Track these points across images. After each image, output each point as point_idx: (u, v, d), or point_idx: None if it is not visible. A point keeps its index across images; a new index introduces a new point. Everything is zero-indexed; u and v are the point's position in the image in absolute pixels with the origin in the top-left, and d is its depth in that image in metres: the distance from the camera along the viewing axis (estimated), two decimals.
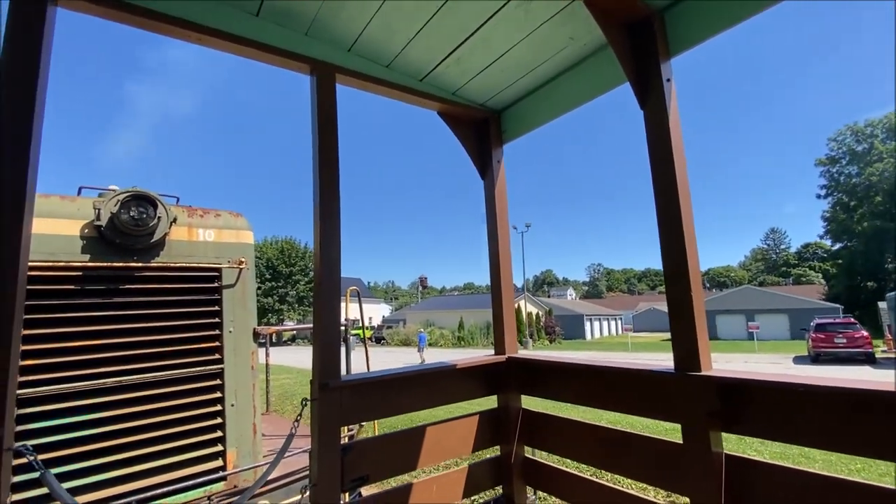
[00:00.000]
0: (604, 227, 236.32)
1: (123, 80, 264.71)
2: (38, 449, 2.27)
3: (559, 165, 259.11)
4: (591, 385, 2.35)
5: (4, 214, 1.44)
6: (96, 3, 1.74)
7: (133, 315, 2.87)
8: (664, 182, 1.94)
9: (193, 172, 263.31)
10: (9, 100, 1.49)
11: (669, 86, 1.98)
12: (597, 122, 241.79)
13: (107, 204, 2.79)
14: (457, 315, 48.06)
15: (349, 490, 2.10)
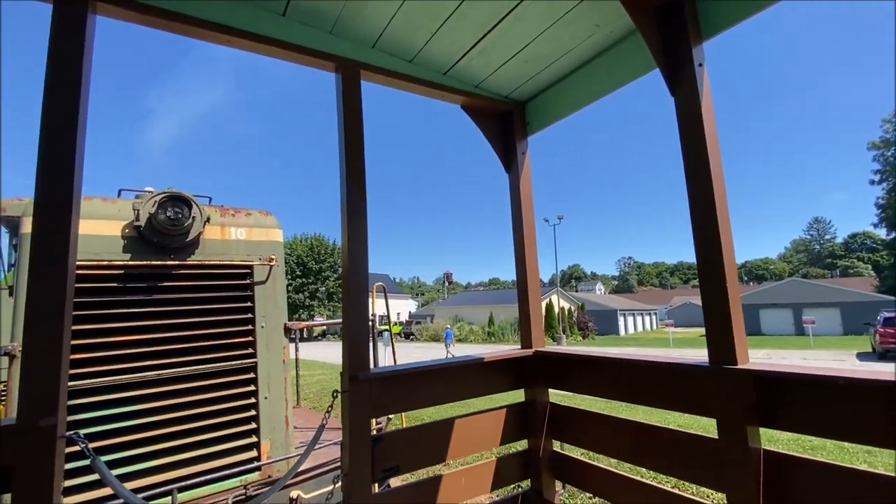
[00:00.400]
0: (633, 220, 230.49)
1: (150, 88, 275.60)
2: (86, 438, 2.41)
3: (585, 157, 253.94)
4: (621, 379, 2.31)
5: (54, 216, 1.53)
6: (132, 10, 1.81)
7: (171, 311, 2.99)
8: (697, 171, 1.87)
9: (223, 171, 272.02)
10: (53, 107, 1.58)
11: (701, 71, 1.91)
12: (626, 110, 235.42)
13: (145, 205, 2.92)
14: (486, 310, 47.35)
15: (379, 480, 2.15)
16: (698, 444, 1.91)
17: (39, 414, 1.43)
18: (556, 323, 40.49)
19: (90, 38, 1.69)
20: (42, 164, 1.53)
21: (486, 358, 2.59)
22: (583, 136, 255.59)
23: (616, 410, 7.19)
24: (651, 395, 2.15)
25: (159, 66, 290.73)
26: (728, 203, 1.87)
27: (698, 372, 1.89)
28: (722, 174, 1.87)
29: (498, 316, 44.73)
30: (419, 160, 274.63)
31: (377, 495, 2.13)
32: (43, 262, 1.50)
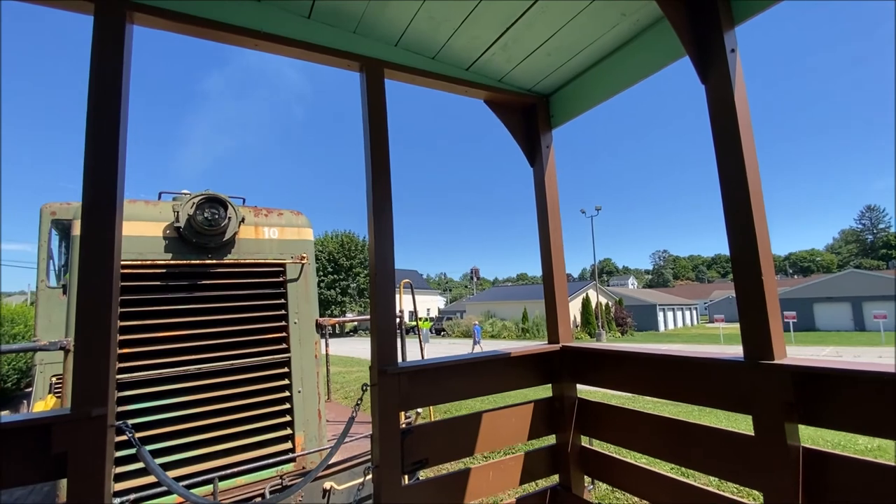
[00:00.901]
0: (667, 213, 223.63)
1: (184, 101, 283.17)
2: (133, 428, 2.54)
3: (613, 147, 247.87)
4: (651, 374, 2.27)
5: (99, 220, 1.62)
6: (167, 19, 1.88)
7: (210, 308, 3.11)
8: (730, 161, 1.82)
9: (254, 171, 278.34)
10: (97, 114, 1.66)
11: (734, 57, 1.84)
12: (656, 98, 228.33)
13: (184, 206, 3.04)
14: (519, 306, 46.31)
15: (409, 472, 2.18)
16: (733, 441, 1.86)
17: (91, 405, 1.52)
18: (593, 318, 39.59)
19: (129, 48, 1.77)
20: (87, 169, 1.62)
21: (513, 353, 2.59)
22: (611, 126, 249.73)
23: (638, 407, 7.06)
24: (683, 390, 2.10)
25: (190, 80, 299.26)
26: (764, 193, 1.81)
27: (733, 367, 1.85)
28: (756, 164, 1.81)
29: (532, 311, 43.57)
30: (443, 157, 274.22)
31: (407, 487, 2.17)
32: (90, 263, 1.59)
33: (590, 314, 40.17)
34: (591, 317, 39.97)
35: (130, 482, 2.63)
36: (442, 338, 45.07)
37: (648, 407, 7.84)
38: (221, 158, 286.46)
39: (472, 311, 53.25)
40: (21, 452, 1.47)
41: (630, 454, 4.35)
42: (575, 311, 42.58)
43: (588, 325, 39.84)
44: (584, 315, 40.81)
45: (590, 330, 39.44)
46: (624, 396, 8.99)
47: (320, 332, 3.62)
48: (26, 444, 1.48)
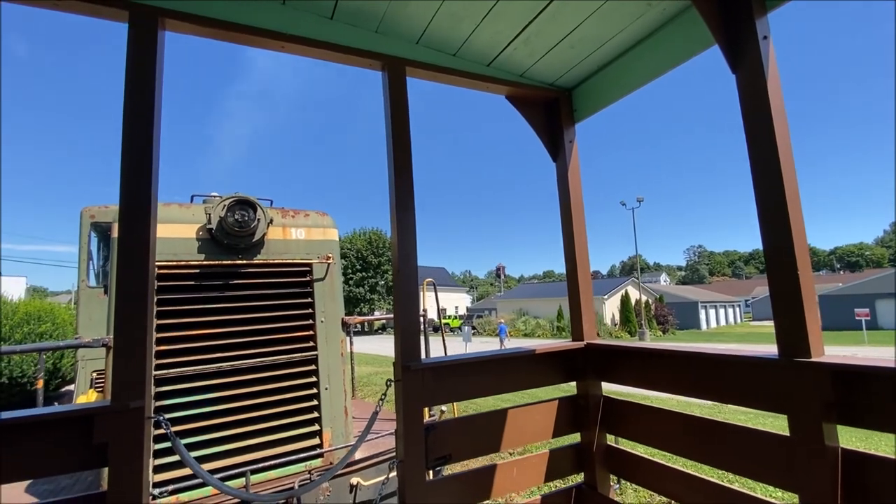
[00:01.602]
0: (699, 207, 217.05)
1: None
2: (170, 422, 2.63)
3: (640, 141, 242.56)
4: (678, 372, 2.22)
5: (136, 222, 1.68)
6: (197, 24, 1.94)
7: (241, 307, 3.20)
8: (763, 152, 1.76)
9: (279, 170, 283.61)
10: (132, 121, 1.73)
11: (767, 44, 1.78)
12: (682, 89, 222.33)
13: (215, 209, 3.14)
14: (553, 303, 43.89)
15: (432, 468, 2.20)
16: (767, 441, 1.81)
17: (129, 397, 1.59)
18: (633, 316, 37.46)
19: (161, 54, 1.83)
20: (124, 174, 1.69)
21: (537, 350, 2.57)
22: (639, 118, 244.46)
23: (661, 406, 6.91)
24: (713, 388, 2.05)
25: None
26: (801, 185, 1.74)
27: (767, 365, 1.79)
28: (791, 154, 1.74)
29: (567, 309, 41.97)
30: (464, 154, 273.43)
31: (431, 482, 2.18)
32: (126, 264, 1.66)
33: (629, 312, 37.90)
34: (630, 314, 37.68)
35: (169, 474, 2.73)
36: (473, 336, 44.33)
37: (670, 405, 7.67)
38: (245, 158, 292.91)
39: (504, 310, 51.35)
40: (66, 442, 1.55)
41: (658, 454, 4.27)
42: (613, 308, 41.19)
43: (628, 324, 37.58)
44: (624, 313, 38.71)
45: (630, 328, 37.15)
46: (656, 397, 8.83)
47: (346, 330, 3.67)
48: (71, 433, 1.55)
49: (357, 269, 51.58)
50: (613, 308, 41.31)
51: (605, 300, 41.51)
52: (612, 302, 41.62)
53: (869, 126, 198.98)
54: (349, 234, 54.26)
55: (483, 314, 54.00)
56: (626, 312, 37.94)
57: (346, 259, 50.04)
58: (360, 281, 51.42)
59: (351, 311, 46.91)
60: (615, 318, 40.60)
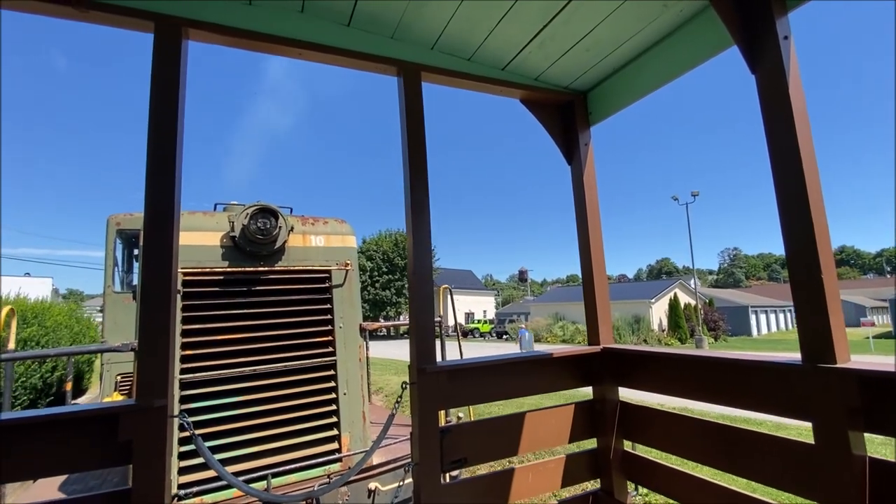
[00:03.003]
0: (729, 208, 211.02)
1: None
2: (193, 425, 2.68)
3: (664, 142, 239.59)
4: (697, 377, 2.18)
5: (160, 226, 1.73)
6: (221, 34, 1.99)
7: (262, 313, 3.26)
8: (784, 154, 1.73)
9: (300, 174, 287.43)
10: (157, 129, 1.78)
11: (787, 44, 1.75)
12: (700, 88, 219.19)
13: (238, 217, 3.21)
14: None
15: (448, 471, 2.20)
16: (791, 449, 1.76)
17: (153, 396, 1.63)
18: (682, 321, 33.82)
19: (185, 63, 1.89)
20: (149, 183, 1.74)
21: (554, 354, 2.56)
22: (654, 121, 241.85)
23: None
24: (733, 394, 2.01)
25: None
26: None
27: (790, 371, 1.75)
28: (814, 156, 1.71)
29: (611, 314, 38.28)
30: (477, 158, 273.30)
31: (446, 486, 2.18)
32: (151, 271, 1.71)
33: (679, 317, 33.91)
34: (680, 319, 33.68)
35: (193, 476, 2.78)
36: (504, 341, 40.90)
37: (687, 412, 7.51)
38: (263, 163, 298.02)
39: (539, 314, 47.54)
40: (92, 439, 1.60)
41: (677, 461, 4.20)
42: (660, 313, 37.70)
43: (678, 330, 33.53)
44: (673, 318, 34.50)
45: (680, 335, 33.12)
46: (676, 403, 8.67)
47: (363, 335, 3.70)
48: (98, 431, 1.60)
49: (383, 272, 49.12)
50: (660, 312, 37.68)
51: (652, 304, 38.23)
52: (660, 306, 38.17)
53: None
54: (375, 236, 52.26)
55: (515, 318, 50.87)
56: (676, 317, 34.01)
57: (372, 261, 48.91)
58: (387, 284, 49.09)
59: (377, 315, 45.94)
60: (662, 323, 37.08)
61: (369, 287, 47.19)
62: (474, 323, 50.50)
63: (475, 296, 64.22)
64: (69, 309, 12.17)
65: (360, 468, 2.78)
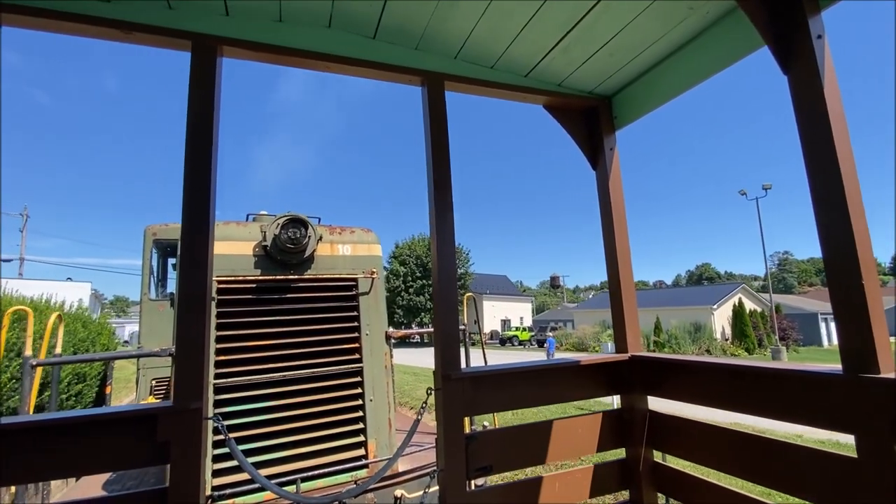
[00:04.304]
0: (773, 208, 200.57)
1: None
2: (227, 429, 2.75)
3: (697, 141, 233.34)
4: (731, 387, 2.11)
5: (196, 237, 1.81)
6: (253, 50, 2.08)
7: (293, 319, 3.34)
8: (820, 156, 1.67)
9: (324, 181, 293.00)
10: (193, 142, 1.87)
11: (821, 43, 1.70)
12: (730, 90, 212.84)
13: (270, 227, 3.32)
14: (647, 314, 34.15)
15: (473, 478, 2.19)
16: (832, 463, 1.69)
17: (189, 399, 1.69)
18: (749, 329, 30.64)
19: (219, 79, 1.98)
20: (186, 194, 1.82)
21: (581, 361, 2.53)
22: (682, 121, 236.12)
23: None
24: (772, 406, 1.94)
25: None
26: (861, 189, 1.65)
27: (830, 381, 1.68)
28: (851, 157, 1.65)
29: (667, 321, 32.62)
30: (503, 163, 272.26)
31: (472, 493, 2.17)
32: (187, 280, 1.79)
33: (745, 324, 30.65)
34: (746, 327, 30.43)
35: (226, 478, 2.86)
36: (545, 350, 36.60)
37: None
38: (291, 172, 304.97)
39: (584, 321, 43.44)
40: (134, 439, 1.67)
41: (710, 473, 4.06)
42: (722, 320, 34.61)
43: (745, 339, 30.27)
44: (738, 325, 31.13)
45: (747, 344, 29.91)
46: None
47: (389, 343, 3.75)
48: (138, 430, 1.67)
49: (417, 277, 47.44)
50: (723, 320, 34.52)
51: (714, 310, 34.93)
52: (722, 312, 34.94)
53: None
54: (408, 240, 50.73)
55: (558, 325, 48.44)
56: (741, 325, 30.74)
57: (406, 266, 47.91)
58: (421, 289, 47.04)
59: (410, 321, 45.17)
60: (725, 331, 33.81)
61: (403, 293, 46.31)
62: (512, 330, 47.97)
63: (511, 302, 61.52)
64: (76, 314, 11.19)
65: (385, 473, 2.80)
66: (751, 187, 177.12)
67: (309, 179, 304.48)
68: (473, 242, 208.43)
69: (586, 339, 34.97)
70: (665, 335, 31.16)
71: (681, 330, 31.57)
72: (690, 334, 31.51)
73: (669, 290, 51.50)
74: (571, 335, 38.06)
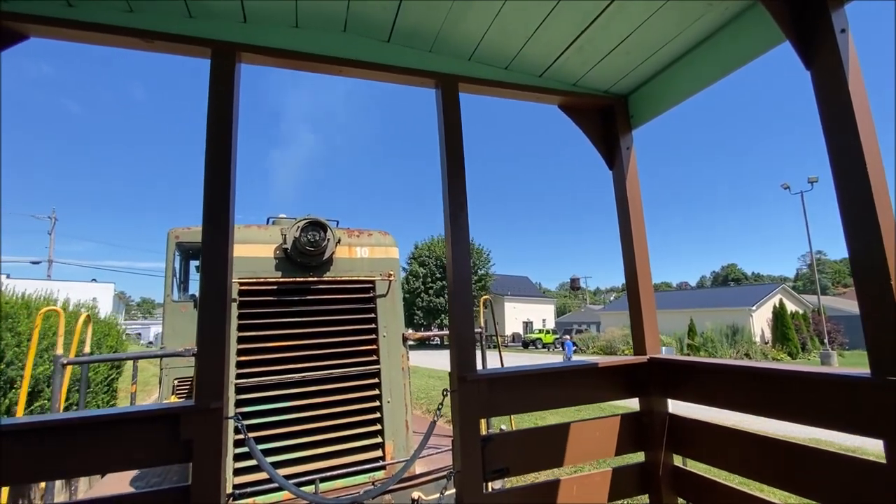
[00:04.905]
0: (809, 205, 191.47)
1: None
2: (247, 428, 2.80)
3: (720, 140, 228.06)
4: (753, 390, 2.07)
5: (217, 240, 1.85)
6: (270, 56, 2.12)
7: (312, 321, 3.38)
8: (845, 153, 1.63)
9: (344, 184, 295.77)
10: (214, 147, 1.91)
11: (845, 38, 1.66)
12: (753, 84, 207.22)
13: (290, 230, 3.37)
14: (679, 316, 33.86)
15: (489, 480, 2.18)
16: (860, 469, 1.63)
17: (210, 398, 1.73)
18: (791, 332, 28.63)
19: (238, 85, 2.02)
20: (206, 198, 1.86)
21: (599, 364, 2.50)
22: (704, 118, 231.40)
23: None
24: (795, 410, 1.89)
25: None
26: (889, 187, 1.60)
27: (858, 384, 1.63)
28: (878, 154, 1.60)
29: (701, 322, 30.91)
30: (520, 166, 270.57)
31: (488, 495, 2.17)
32: (208, 279, 1.82)
33: (787, 327, 28.72)
34: (789, 331, 28.49)
35: (247, 477, 2.91)
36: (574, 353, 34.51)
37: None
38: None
39: (611, 323, 41.71)
40: (158, 436, 1.71)
41: (731, 478, 3.97)
42: (762, 322, 32.87)
43: (786, 343, 28.29)
44: (779, 328, 29.24)
45: (789, 348, 27.96)
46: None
47: (406, 345, 3.76)
48: (162, 429, 1.71)
49: (437, 278, 46.76)
50: (762, 322, 32.68)
51: (753, 312, 33.15)
52: (761, 314, 33.08)
53: None
54: (428, 241, 50.26)
55: (584, 328, 46.55)
56: (783, 328, 28.80)
57: (426, 267, 47.61)
58: (441, 290, 46.24)
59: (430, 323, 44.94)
60: (765, 334, 32.06)
61: (422, 294, 46.11)
62: (535, 333, 46.57)
63: (532, 303, 59.57)
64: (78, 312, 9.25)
65: (403, 475, 2.81)
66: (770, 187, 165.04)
67: (324, 180, 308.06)
68: (490, 243, 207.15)
69: (615, 342, 33.35)
70: (700, 338, 29.36)
71: (717, 333, 29.72)
72: (727, 337, 29.54)
73: (704, 291, 49.27)
74: (598, 338, 36.34)
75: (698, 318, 31.81)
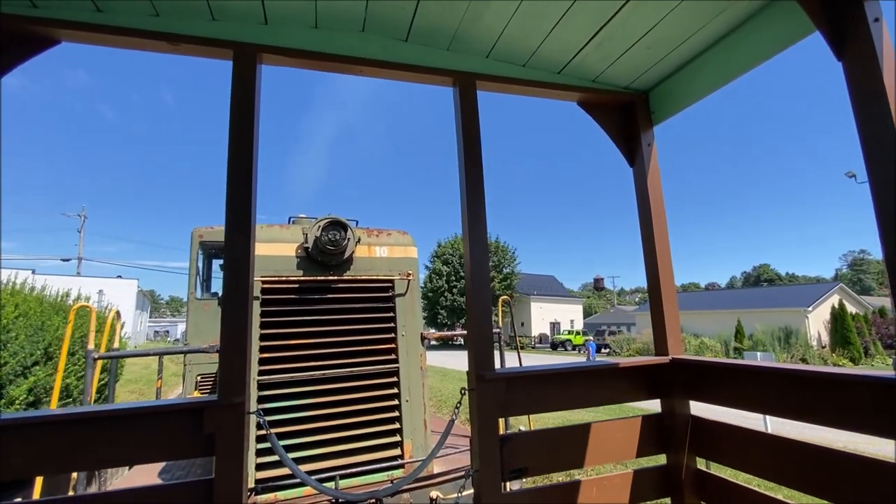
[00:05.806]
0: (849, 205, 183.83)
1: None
2: (269, 425, 2.85)
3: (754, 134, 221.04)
4: (777, 391, 2.00)
5: (239, 239, 1.89)
6: (291, 56, 2.15)
7: (333, 319, 3.43)
8: (879, 146, 1.57)
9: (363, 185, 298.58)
10: (236, 148, 1.95)
11: (879, 27, 1.59)
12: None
13: (311, 229, 3.43)
14: (718, 317, 32.44)
15: (508, 480, 2.18)
16: (892, 473, 1.57)
17: (233, 393, 1.77)
18: (853, 335, 26.37)
19: (259, 86, 2.06)
20: (229, 198, 1.90)
21: (620, 364, 2.47)
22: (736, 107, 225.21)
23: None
24: (821, 412, 1.82)
25: None
26: None
27: (884, 386, 1.57)
28: None
29: (750, 325, 29.17)
30: (539, 165, 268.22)
31: (507, 494, 2.16)
32: (231, 281, 1.87)
33: (848, 330, 26.37)
34: (850, 333, 26.19)
35: (268, 472, 2.96)
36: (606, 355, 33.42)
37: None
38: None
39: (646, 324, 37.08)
40: (182, 429, 1.76)
41: (755, 482, 3.86)
42: (818, 325, 30.70)
43: (847, 346, 25.98)
44: (839, 331, 26.86)
45: (851, 353, 25.70)
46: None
47: (424, 344, 3.78)
48: (186, 422, 1.76)
49: (462, 276, 45.73)
50: (818, 324, 30.63)
51: (809, 313, 30.85)
52: (817, 315, 31.00)
53: None
54: (451, 239, 49.93)
55: (618, 330, 45.34)
56: (844, 331, 26.46)
57: (449, 265, 47.49)
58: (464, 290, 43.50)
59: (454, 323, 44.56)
60: (822, 337, 29.96)
61: (446, 293, 45.88)
62: (564, 334, 45.46)
63: (560, 303, 57.83)
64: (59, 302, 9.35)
65: (420, 474, 2.82)
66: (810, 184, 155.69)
67: (344, 180, 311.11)
68: (515, 242, 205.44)
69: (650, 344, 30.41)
70: (749, 341, 27.40)
71: (768, 335, 27.82)
72: (780, 340, 27.58)
73: (752, 290, 46.87)
74: (635, 339, 34.09)
75: (747, 319, 29.98)
